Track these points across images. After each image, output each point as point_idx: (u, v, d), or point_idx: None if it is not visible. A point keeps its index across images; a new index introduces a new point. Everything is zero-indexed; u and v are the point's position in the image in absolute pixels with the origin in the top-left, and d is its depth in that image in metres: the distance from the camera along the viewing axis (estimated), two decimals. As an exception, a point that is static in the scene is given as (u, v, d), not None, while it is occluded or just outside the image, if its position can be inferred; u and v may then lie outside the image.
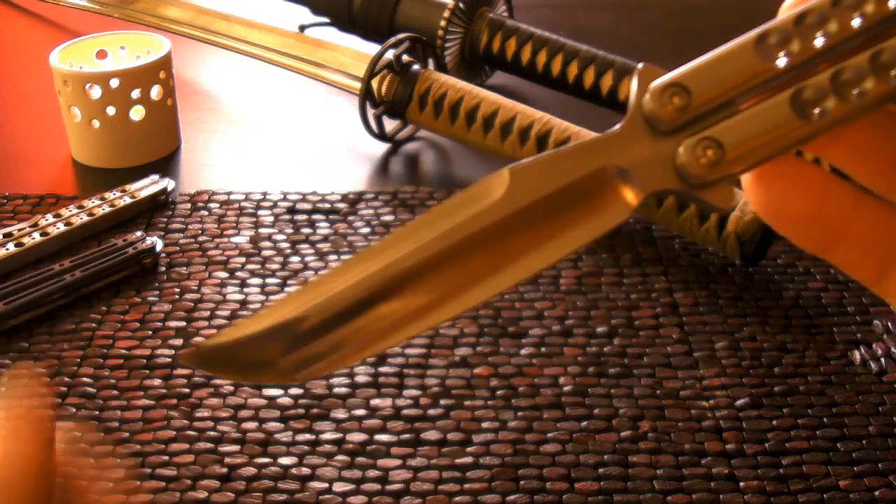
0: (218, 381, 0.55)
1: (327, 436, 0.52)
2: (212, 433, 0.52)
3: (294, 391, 0.54)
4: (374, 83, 0.77)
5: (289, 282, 0.64)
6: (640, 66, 0.23)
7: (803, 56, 0.22)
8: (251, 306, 0.61)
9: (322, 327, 0.23)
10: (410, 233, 0.23)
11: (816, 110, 0.22)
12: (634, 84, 0.23)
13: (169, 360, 0.57)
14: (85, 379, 0.55)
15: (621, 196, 0.23)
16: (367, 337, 0.23)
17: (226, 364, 0.23)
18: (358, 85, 0.77)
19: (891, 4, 0.21)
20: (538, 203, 0.23)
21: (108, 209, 0.68)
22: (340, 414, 0.53)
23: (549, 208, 0.23)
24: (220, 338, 0.23)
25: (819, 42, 0.22)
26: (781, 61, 0.22)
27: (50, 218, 0.67)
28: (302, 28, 0.93)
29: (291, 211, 0.71)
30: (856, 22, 0.22)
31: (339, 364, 0.23)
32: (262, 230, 0.69)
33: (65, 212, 0.68)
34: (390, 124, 0.80)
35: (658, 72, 0.23)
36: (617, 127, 0.23)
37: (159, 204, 0.71)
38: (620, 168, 0.23)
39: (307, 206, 0.71)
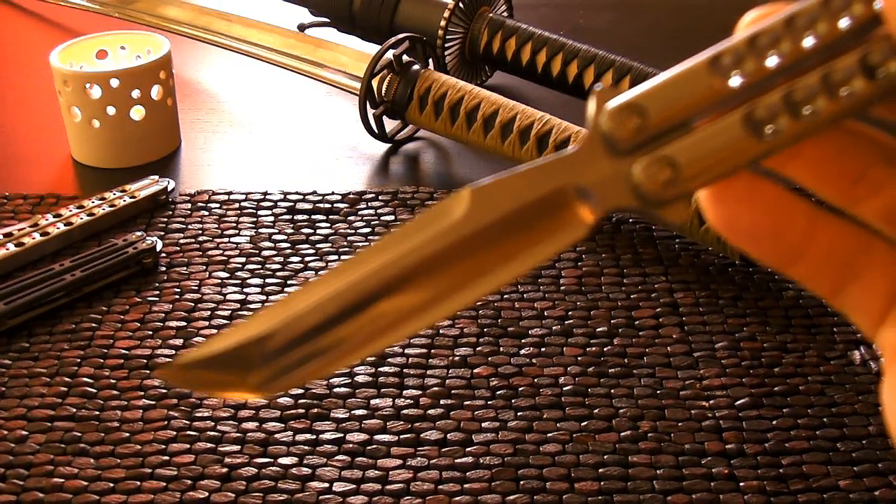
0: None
1: (327, 436, 0.52)
2: (212, 433, 0.52)
3: (294, 391, 0.54)
4: (375, 83, 0.77)
5: (289, 282, 0.64)
6: (597, 87, 0.24)
7: (757, 76, 0.22)
8: (251, 306, 0.61)
9: (289, 344, 0.24)
10: (371, 254, 0.24)
11: (769, 129, 0.22)
12: (592, 105, 0.23)
13: (169, 360, 0.57)
14: (85, 379, 0.55)
15: (579, 214, 0.24)
16: (333, 353, 0.24)
17: (198, 381, 0.24)
18: (358, 85, 0.77)
19: (841, 25, 0.22)
20: (498, 222, 0.23)
21: (108, 209, 0.68)
22: (340, 414, 0.53)
23: (509, 227, 0.24)
24: (191, 355, 0.24)
25: (772, 62, 0.22)
26: (735, 81, 0.23)
27: (50, 218, 0.67)
28: (302, 28, 0.93)
29: (291, 211, 0.71)
30: (808, 42, 0.22)
31: (308, 377, 0.24)
32: (262, 230, 0.69)
33: (65, 212, 0.68)
34: (390, 124, 0.80)
35: (615, 94, 0.23)
36: (575, 147, 0.24)
37: (159, 204, 0.71)
38: (579, 187, 0.23)
39: (307, 206, 0.71)
